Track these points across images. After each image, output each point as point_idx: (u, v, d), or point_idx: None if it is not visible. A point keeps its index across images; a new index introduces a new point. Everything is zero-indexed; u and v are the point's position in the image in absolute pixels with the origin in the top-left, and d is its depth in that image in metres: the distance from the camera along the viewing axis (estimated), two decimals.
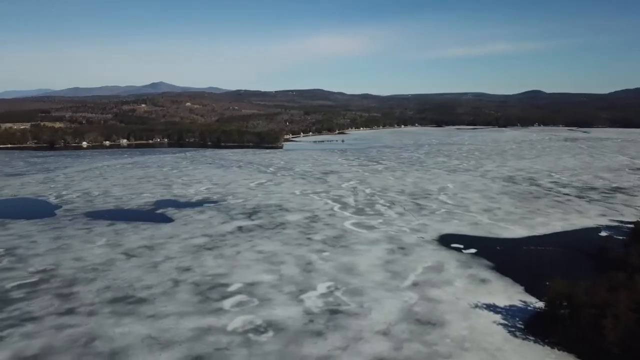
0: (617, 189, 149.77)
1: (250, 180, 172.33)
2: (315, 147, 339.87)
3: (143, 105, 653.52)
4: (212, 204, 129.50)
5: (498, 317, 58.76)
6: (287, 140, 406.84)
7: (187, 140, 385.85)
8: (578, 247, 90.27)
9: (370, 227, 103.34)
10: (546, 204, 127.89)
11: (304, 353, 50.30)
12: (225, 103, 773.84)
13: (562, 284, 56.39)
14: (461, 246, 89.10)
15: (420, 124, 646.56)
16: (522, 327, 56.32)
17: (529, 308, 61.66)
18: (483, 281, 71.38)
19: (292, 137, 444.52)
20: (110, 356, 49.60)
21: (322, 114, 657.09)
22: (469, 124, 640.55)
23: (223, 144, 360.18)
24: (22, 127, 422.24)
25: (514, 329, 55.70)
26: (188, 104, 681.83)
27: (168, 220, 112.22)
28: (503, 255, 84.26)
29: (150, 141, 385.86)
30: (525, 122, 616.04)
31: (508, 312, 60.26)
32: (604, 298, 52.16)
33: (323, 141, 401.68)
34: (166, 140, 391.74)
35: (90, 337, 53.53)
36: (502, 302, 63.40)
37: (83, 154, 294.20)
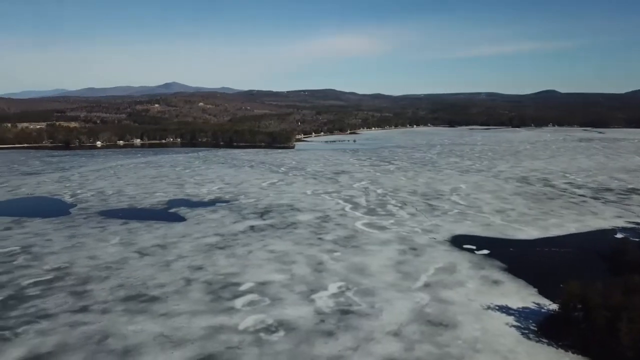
0: (633, 190, 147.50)
1: (262, 180, 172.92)
2: (326, 147, 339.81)
3: (156, 105, 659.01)
4: (224, 204, 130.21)
5: (511, 319, 58.24)
6: (299, 140, 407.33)
7: (200, 140, 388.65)
8: (593, 249, 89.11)
9: (381, 228, 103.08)
10: (560, 205, 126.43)
11: (315, 353, 50.36)
12: (237, 103, 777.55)
13: (577, 286, 55.61)
14: (473, 247, 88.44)
15: (433, 124, 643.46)
16: (535, 329, 55.74)
17: (542, 310, 61.00)
18: (496, 283, 70.81)
19: (304, 137, 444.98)
20: (123, 354, 50.14)
21: (334, 114, 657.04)
22: (482, 124, 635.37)
23: (235, 143, 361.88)
24: (38, 126, 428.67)
25: (527, 331, 55.16)
26: (201, 104, 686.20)
27: (181, 219, 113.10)
28: (516, 257, 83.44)
29: (163, 141, 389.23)
30: (540, 122, 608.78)
31: (521, 314, 59.69)
32: (619, 301, 51.42)
33: (335, 141, 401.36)
34: (179, 140, 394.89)
35: (103, 334, 54.18)
36: (515, 303, 62.81)
37: (97, 153, 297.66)
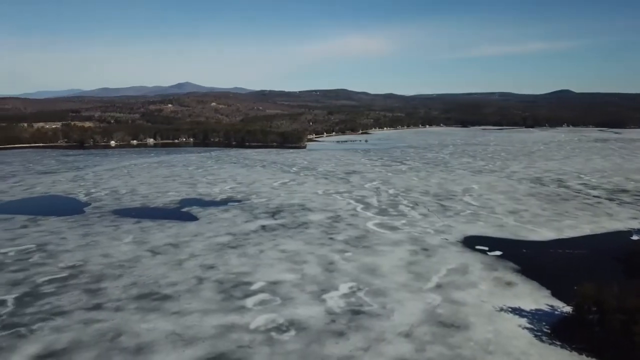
0: None
1: (274, 180, 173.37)
2: (338, 147, 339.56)
3: (169, 105, 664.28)
4: (236, 203, 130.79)
5: (523, 321, 57.68)
6: (311, 140, 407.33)
7: (212, 139, 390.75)
8: (608, 251, 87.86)
9: (393, 228, 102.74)
10: (575, 206, 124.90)
11: (326, 353, 50.36)
12: (249, 103, 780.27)
13: (591, 288, 54.92)
14: (486, 248, 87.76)
15: (445, 124, 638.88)
16: (548, 331, 55.14)
17: (555, 312, 60.33)
18: (509, 284, 70.13)
19: (316, 137, 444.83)
20: (135, 351, 50.63)
21: (346, 113, 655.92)
22: (495, 124, 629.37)
23: (247, 143, 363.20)
24: (53, 126, 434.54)
25: (540, 333, 54.59)
26: (213, 104, 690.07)
27: (193, 218, 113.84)
28: (529, 258, 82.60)
29: (176, 140, 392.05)
30: (554, 122, 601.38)
31: (534, 316, 59.08)
32: (634, 303, 50.68)
33: (346, 141, 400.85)
34: (192, 139, 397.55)
35: (116, 332, 54.76)
36: (528, 305, 62.19)
37: (111, 152, 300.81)
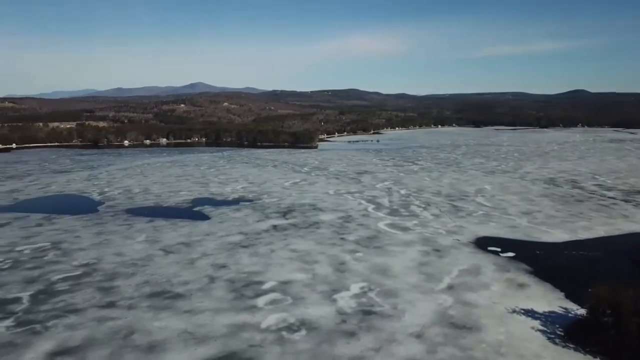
0: None
1: (285, 180, 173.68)
2: (349, 147, 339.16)
3: (182, 105, 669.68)
4: (248, 203, 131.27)
5: (536, 323, 57.07)
6: (322, 140, 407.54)
7: (224, 139, 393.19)
8: (623, 252, 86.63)
9: (404, 229, 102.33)
10: (589, 207, 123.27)
11: (337, 353, 50.32)
12: (261, 103, 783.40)
13: (606, 290, 54.08)
14: (498, 249, 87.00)
15: (458, 124, 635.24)
16: (561, 334, 54.50)
17: (569, 315, 59.59)
18: (521, 286, 69.48)
19: (327, 137, 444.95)
20: (148, 349, 51.07)
21: (357, 113, 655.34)
22: (508, 124, 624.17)
23: (259, 143, 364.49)
24: (68, 126, 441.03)
25: (553, 336, 53.98)
26: (225, 104, 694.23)
27: (205, 217, 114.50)
28: (543, 260, 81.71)
29: (189, 140, 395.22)
30: (568, 122, 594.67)
31: (547, 318, 58.42)
32: None
33: (358, 141, 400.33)
34: (204, 139, 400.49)
35: (129, 330, 55.28)
36: (541, 307, 61.51)
37: (125, 152, 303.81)
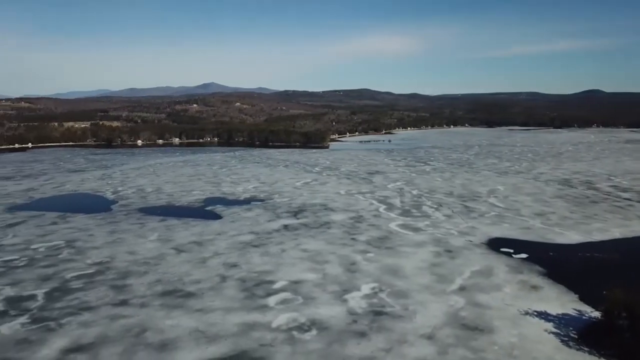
0: None
1: (296, 180, 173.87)
2: (361, 147, 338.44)
3: (195, 105, 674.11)
4: (259, 202, 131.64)
5: (550, 326, 56.38)
6: (333, 140, 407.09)
7: (236, 139, 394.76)
8: (639, 255, 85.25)
9: (416, 229, 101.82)
10: (604, 209, 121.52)
11: (347, 353, 50.20)
12: (273, 103, 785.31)
13: (621, 292, 53.25)
14: (511, 251, 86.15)
15: (470, 125, 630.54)
16: (575, 336, 53.76)
17: (583, 317, 58.79)
18: (534, 287, 68.69)
19: (339, 137, 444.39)
20: (160, 347, 51.44)
21: (369, 113, 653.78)
22: (521, 124, 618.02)
23: (271, 143, 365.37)
24: (82, 125, 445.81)
25: (566, 339, 53.28)
26: (238, 104, 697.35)
27: (217, 217, 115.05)
28: (556, 262, 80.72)
29: (201, 140, 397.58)
30: (583, 123, 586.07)
31: (561, 321, 57.67)
32: None
33: (369, 141, 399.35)
34: (216, 139, 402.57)
35: (141, 328, 55.71)
36: (554, 309, 60.74)
37: (138, 152, 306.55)
